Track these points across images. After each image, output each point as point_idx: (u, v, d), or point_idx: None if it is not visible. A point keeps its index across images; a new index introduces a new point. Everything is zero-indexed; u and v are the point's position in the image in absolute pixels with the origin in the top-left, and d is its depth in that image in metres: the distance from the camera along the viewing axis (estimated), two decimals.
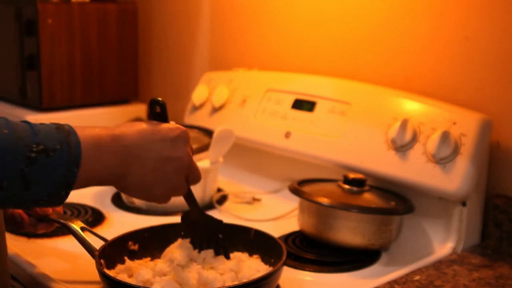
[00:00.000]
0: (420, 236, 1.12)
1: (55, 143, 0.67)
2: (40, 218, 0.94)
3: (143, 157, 0.76)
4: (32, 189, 0.66)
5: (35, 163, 0.65)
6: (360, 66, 1.32)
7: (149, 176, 0.77)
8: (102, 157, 0.72)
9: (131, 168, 0.75)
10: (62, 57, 1.58)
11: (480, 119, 1.05)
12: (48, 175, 0.66)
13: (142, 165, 0.76)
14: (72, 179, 0.69)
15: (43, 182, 0.66)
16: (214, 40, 1.67)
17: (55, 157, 0.66)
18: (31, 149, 0.65)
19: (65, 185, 0.68)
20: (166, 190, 0.80)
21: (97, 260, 0.87)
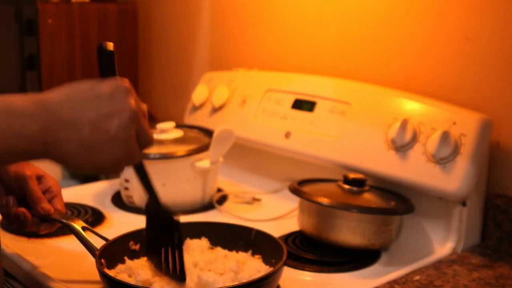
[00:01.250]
0: (420, 236, 1.12)
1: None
2: (42, 218, 0.94)
3: (75, 121, 0.67)
4: None
5: None
6: (360, 66, 1.32)
7: (88, 139, 0.67)
8: (15, 126, 0.63)
9: (61, 134, 0.66)
10: (62, 57, 1.58)
11: (480, 119, 1.05)
12: None
13: (75, 129, 0.66)
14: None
15: None
16: (214, 40, 1.67)
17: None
18: None
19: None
20: (114, 154, 0.69)
21: (98, 259, 0.87)
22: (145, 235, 0.89)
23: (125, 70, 1.71)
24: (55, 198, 0.96)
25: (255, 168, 1.44)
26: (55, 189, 0.97)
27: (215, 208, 1.29)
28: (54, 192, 0.96)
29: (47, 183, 0.96)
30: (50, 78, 1.56)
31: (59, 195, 0.97)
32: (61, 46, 1.57)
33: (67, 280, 0.95)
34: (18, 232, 1.10)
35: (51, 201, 0.95)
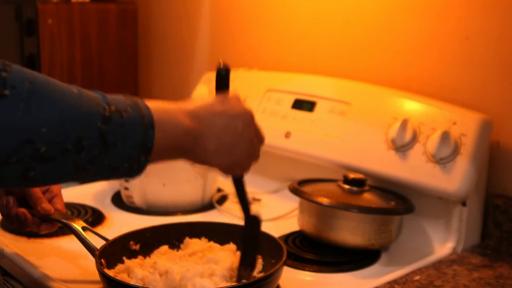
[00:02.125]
0: (420, 236, 1.12)
1: (125, 106, 0.67)
2: (42, 218, 0.94)
3: (211, 121, 0.76)
4: (111, 152, 0.65)
5: (110, 121, 0.64)
6: (360, 66, 1.32)
7: (223, 137, 0.76)
8: (173, 120, 0.72)
9: (204, 131, 0.75)
10: (62, 57, 1.58)
11: (480, 119, 1.05)
12: (125, 135, 0.65)
13: (212, 128, 0.75)
14: (150, 142, 0.67)
15: (122, 143, 0.65)
16: (214, 40, 1.67)
17: (129, 118, 0.66)
18: (104, 108, 0.64)
19: (144, 149, 0.67)
20: (245, 150, 0.79)
21: (97, 259, 0.87)
22: None
23: (125, 70, 1.71)
24: (55, 198, 0.96)
25: (255, 168, 1.43)
26: (55, 189, 0.97)
27: (215, 208, 1.29)
28: (54, 191, 0.97)
29: None
30: None
31: (59, 194, 0.97)
32: (61, 46, 1.57)
33: (67, 280, 0.95)
34: (18, 232, 1.10)
35: (51, 201, 0.95)
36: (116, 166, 0.67)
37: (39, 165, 0.61)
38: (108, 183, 1.43)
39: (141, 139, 0.67)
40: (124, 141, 0.66)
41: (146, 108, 0.69)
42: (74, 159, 0.63)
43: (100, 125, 0.64)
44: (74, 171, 0.64)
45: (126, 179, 0.98)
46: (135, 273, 0.87)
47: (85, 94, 0.65)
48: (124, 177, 0.69)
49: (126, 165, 0.67)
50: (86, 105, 0.63)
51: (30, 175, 0.61)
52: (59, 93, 0.62)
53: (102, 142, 0.64)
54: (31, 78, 0.61)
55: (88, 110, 0.63)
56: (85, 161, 0.64)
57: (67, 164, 0.63)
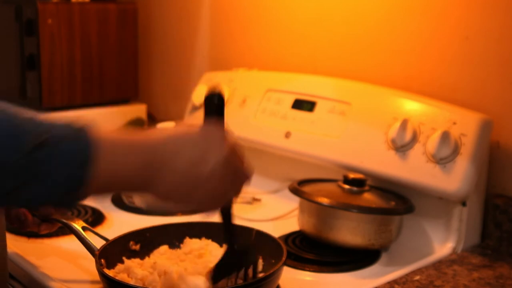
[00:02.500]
0: (420, 236, 1.12)
1: (62, 136, 0.60)
2: (43, 218, 0.94)
3: (172, 161, 0.69)
4: (38, 186, 0.59)
5: (36, 152, 0.58)
6: (360, 66, 1.32)
7: (185, 179, 0.70)
8: (122, 158, 0.65)
9: (161, 172, 0.68)
10: (62, 57, 1.58)
11: (480, 119, 1.05)
12: (54, 169, 0.59)
13: (173, 168, 0.69)
14: (82, 178, 0.61)
15: (49, 177, 0.59)
16: (214, 40, 1.67)
17: (61, 150, 0.60)
18: (34, 136, 0.59)
19: (76, 186, 0.61)
20: (210, 192, 0.72)
21: (97, 259, 0.87)
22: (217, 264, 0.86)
23: (125, 70, 1.71)
24: None
25: (255, 168, 1.43)
26: None
27: None
28: None
29: None
30: (50, 78, 1.56)
31: None
32: (61, 46, 1.57)
33: (67, 280, 0.95)
34: (18, 232, 1.10)
35: None
36: (40, 200, 0.62)
37: None
38: None
39: (71, 176, 0.60)
40: (51, 176, 0.59)
41: (88, 140, 0.62)
42: (2, 184, 0.58)
43: (23, 156, 0.57)
44: (3, 196, 0.59)
45: None
46: (135, 273, 0.87)
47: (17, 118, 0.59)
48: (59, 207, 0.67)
49: (53, 200, 0.62)
50: (16, 130, 0.58)
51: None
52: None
53: (24, 174, 0.58)
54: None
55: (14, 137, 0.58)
56: (15, 187, 0.58)
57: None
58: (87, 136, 0.62)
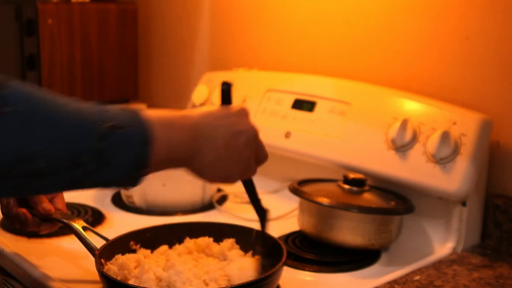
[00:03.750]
0: (420, 236, 1.12)
1: (123, 121, 0.66)
2: (43, 218, 0.94)
3: (212, 135, 0.75)
4: (107, 168, 0.65)
5: (106, 138, 0.64)
6: (360, 66, 1.32)
7: (222, 152, 0.76)
8: (174, 135, 0.71)
9: (203, 146, 0.74)
10: (62, 57, 1.58)
11: (480, 119, 1.05)
12: (122, 153, 0.65)
13: (212, 142, 0.75)
14: (146, 159, 0.67)
15: (117, 160, 0.65)
16: (214, 40, 1.67)
17: (126, 134, 0.66)
18: (101, 125, 0.64)
19: (140, 165, 0.67)
20: (240, 166, 0.79)
21: (97, 259, 0.87)
22: None
23: (125, 70, 1.71)
24: (56, 198, 0.96)
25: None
26: None
27: (215, 208, 1.29)
28: None
29: None
30: (50, 78, 1.56)
31: (60, 194, 0.97)
32: (61, 46, 1.57)
33: (67, 280, 0.95)
34: (18, 232, 1.10)
35: (52, 200, 0.95)
36: (111, 180, 0.68)
37: (34, 180, 0.62)
38: None
39: (137, 156, 0.67)
40: (120, 158, 0.66)
41: (144, 122, 0.68)
42: (70, 175, 0.63)
43: (96, 142, 0.64)
44: (69, 185, 0.66)
45: None
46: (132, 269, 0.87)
47: (83, 110, 0.65)
48: (121, 187, 0.70)
49: (121, 179, 0.68)
50: (83, 122, 0.64)
51: (24, 188, 0.62)
52: (56, 111, 0.63)
53: (98, 159, 0.64)
54: (29, 95, 0.61)
55: (85, 127, 0.64)
56: (81, 176, 0.64)
57: (62, 179, 0.64)
58: (143, 119, 0.68)
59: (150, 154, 0.68)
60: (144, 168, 0.68)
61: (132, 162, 0.67)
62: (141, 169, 0.68)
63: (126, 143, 0.66)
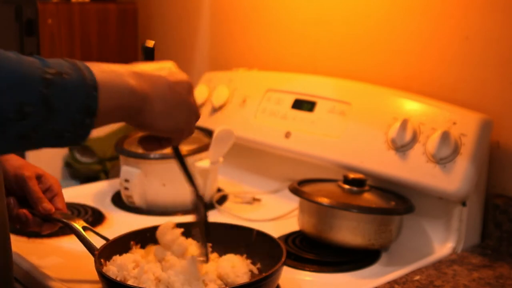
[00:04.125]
0: (420, 236, 1.12)
1: (66, 68, 0.65)
2: (44, 218, 0.94)
3: (157, 82, 0.76)
4: (55, 116, 0.63)
5: (51, 84, 0.62)
6: (360, 66, 1.32)
7: (169, 99, 0.76)
8: (118, 80, 0.71)
9: (150, 93, 0.74)
10: (62, 57, 1.58)
11: (480, 119, 1.05)
12: (68, 98, 0.63)
13: (159, 89, 0.75)
14: (93, 104, 0.66)
15: (65, 107, 0.63)
16: (214, 40, 1.67)
17: (70, 79, 0.64)
18: (45, 71, 0.62)
19: (88, 111, 0.65)
20: (186, 114, 0.80)
21: (97, 259, 0.87)
22: None
23: None
24: (56, 197, 0.96)
25: (255, 168, 1.44)
26: (56, 188, 0.97)
27: (215, 208, 1.29)
28: (55, 190, 0.96)
29: (47, 182, 0.96)
30: None
31: (59, 193, 0.97)
32: (61, 46, 1.57)
33: (67, 280, 0.95)
34: (18, 232, 1.10)
35: (52, 200, 0.95)
36: (60, 131, 0.65)
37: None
38: (108, 183, 1.43)
39: (84, 101, 0.65)
40: (68, 104, 0.64)
41: (87, 69, 0.67)
42: (16, 128, 0.61)
43: (42, 89, 0.62)
44: (17, 141, 0.62)
45: (71, 146, 0.97)
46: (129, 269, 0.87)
47: (24, 59, 0.63)
48: (70, 144, 0.68)
49: (71, 129, 0.65)
50: (26, 70, 0.62)
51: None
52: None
53: (45, 107, 0.62)
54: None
55: (29, 74, 0.61)
56: (28, 128, 0.62)
57: (9, 134, 0.61)
58: (84, 66, 0.67)
59: (96, 100, 0.66)
60: (92, 115, 0.66)
61: (79, 109, 0.65)
62: (89, 117, 0.66)
63: (72, 89, 0.64)
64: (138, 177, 1.25)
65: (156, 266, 0.87)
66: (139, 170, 1.25)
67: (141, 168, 1.25)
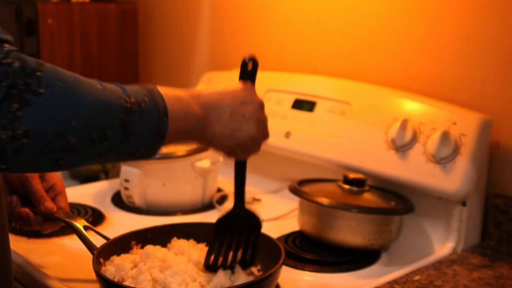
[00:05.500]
0: (420, 236, 1.12)
1: (143, 97, 0.73)
2: (45, 217, 0.94)
3: (219, 108, 0.82)
4: (131, 139, 0.71)
5: (131, 112, 0.70)
6: (360, 66, 1.32)
7: (228, 123, 0.82)
8: (185, 108, 0.78)
9: (211, 118, 0.81)
10: (62, 57, 1.58)
11: (480, 119, 1.05)
12: (143, 124, 0.72)
13: (219, 115, 0.82)
14: (164, 129, 0.74)
15: (140, 131, 0.71)
16: (214, 40, 1.67)
17: (146, 108, 0.72)
18: (126, 101, 0.71)
19: (159, 136, 0.74)
20: (250, 132, 0.85)
21: (95, 259, 0.87)
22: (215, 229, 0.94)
23: (125, 70, 1.71)
24: (59, 196, 0.96)
25: (255, 168, 1.43)
26: (59, 186, 0.97)
27: (215, 208, 1.29)
28: (58, 189, 0.96)
29: (50, 180, 0.96)
30: None
31: (62, 192, 0.97)
32: (61, 46, 1.57)
33: (67, 279, 0.95)
34: (18, 232, 1.10)
35: (54, 198, 0.95)
36: (133, 151, 0.73)
37: (68, 154, 0.67)
38: (108, 183, 1.43)
39: (156, 127, 0.73)
40: (142, 130, 0.72)
41: (160, 97, 0.75)
42: (98, 147, 0.69)
43: (122, 116, 0.70)
44: (97, 157, 0.70)
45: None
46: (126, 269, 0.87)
47: (108, 89, 0.70)
48: (139, 159, 0.76)
49: (143, 150, 0.73)
50: (110, 99, 0.70)
51: (60, 163, 0.67)
52: (86, 90, 0.68)
53: (123, 131, 0.70)
54: (62, 77, 0.66)
55: (112, 103, 0.70)
56: (107, 149, 0.70)
57: (91, 152, 0.69)
58: (158, 94, 0.76)
59: (167, 126, 0.74)
60: (162, 139, 0.74)
61: (152, 133, 0.73)
62: (159, 140, 0.74)
63: (147, 116, 0.72)
64: (138, 177, 1.25)
65: (154, 267, 0.87)
66: (139, 170, 1.25)
67: (141, 168, 1.25)
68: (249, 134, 0.85)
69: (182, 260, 0.90)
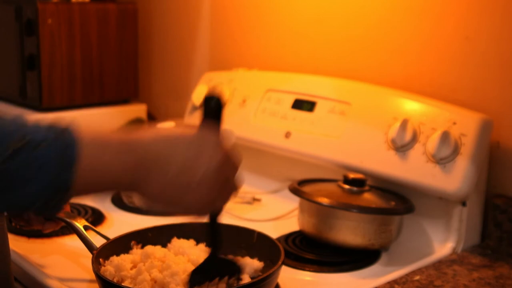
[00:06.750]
0: (420, 236, 1.12)
1: (40, 139, 0.59)
2: (46, 217, 0.94)
3: (165, 157, 0.68)
4: (16, 191, 0.58)
5: (13, 158, 0.57)
6: (360, 66, 1.32)
7: (174, 182, 0.69)
8: (107, 157, 0.64)
9: (151, 172, 0.67)
10: (62, 57, 1.58)
11: (480, 119, 1.05)
12: (33, 173, 0.58)
13: (164, 166, 0.67)
14: (66, 180, 0.60)
15: (28, 181, 0.58)
16: (214, 40, 1.67)
17: (41, 152, 0.58)
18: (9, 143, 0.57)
19: (58, 187, 0.60)
20: (200, 197, 0.71)
21: (94, 259, 0.87)
22: None
23: (125, 70, 1.71)
24: None
25: (255, 168, 1.44)
26: None
27: None
28: None
29: None
30: (50, 78, 1.56)
31: None
32: (61, 46, 1.57)
33: (67, 279, 0.95)
34: (18, 231, 1.10)
35: None
36: (24, 204, 0.60)
37: None
38: None
39: (54, 179, 0.59)
40: (30, 181, 0.58)
41: (70, 140, 0.61)
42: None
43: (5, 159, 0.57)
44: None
45: None
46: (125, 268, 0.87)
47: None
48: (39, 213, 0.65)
49: (33, 205, 0.60)
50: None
51: None
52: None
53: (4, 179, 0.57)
54: None
55: None
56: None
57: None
58: (70, 137, 0.61)
59: (71, 176, 0.60)
60: (63, 192, 0.60)
61: (48, 185, 0.59)
62: (59, 193, 0.60)
63: (40, 164, 0.58)
64: None
65: (153, 267, 0.87)
66: None
67: None
68: (198, 200, 0.70)
69: (182, 260, 0.90)
